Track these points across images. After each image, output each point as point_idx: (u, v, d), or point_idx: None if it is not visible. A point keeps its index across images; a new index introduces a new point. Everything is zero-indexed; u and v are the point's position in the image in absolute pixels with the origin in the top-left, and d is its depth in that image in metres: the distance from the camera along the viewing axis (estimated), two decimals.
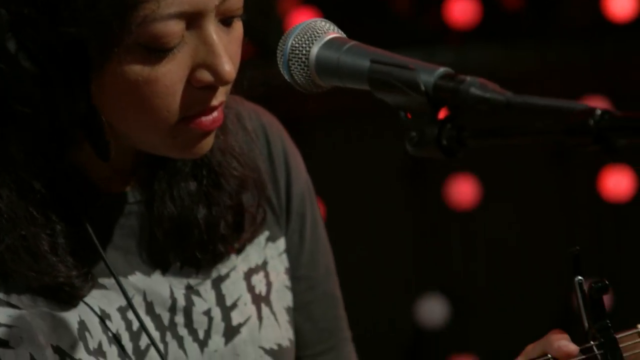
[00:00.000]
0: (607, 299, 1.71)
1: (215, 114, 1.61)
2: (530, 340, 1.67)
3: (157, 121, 1.58)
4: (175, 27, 1.53)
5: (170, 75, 1.55)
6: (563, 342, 1.63)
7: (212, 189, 1.75)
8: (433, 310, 4.51)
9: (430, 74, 1.41)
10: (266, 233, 1.83)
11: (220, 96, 1.59)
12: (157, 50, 1.53)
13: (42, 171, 1.62)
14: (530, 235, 4.67)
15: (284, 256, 1.86)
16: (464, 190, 4.50)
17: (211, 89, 1.58)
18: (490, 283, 4.44)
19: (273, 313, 1.81)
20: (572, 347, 1.61)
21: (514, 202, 4.66)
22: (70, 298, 1.64)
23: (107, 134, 1.60)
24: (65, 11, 1.51)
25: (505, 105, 1.37)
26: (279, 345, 1.79)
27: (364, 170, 4.48)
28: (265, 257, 1.83)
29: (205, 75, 1.56)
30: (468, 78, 1.38)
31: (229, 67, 1.56)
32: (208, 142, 1.64)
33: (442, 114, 1.44)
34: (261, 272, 1.82)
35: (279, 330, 1.81)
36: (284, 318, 1.82)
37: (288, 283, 1.86)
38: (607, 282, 1.62)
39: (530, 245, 4.67)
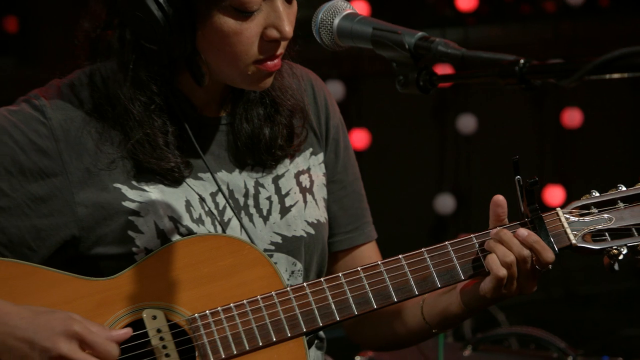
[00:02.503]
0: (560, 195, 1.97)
1: (276, 60, 1.86)
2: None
3: (238, 61, 1.83)
4: None
5: (250, 30, 1.81)
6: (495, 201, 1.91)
7: (272, 113, 1.99)
8: (446, 203, 5.22)
9: (411, 36, 1.64)
10: (310, 149, 2.06)
11: (280, 49, 1.85)
12: (243, 12, 1.79)
13: (160, 91, 1.87)
14: (513, 151, 5.06)
15: (322, 165, 2.08)
16: (468, 124, 5.24)
17: (275, 43, 1.84)
18: (485, 185, 4.78)
19: (314, 200, 2.04)
20: (500, 197, 1.90)
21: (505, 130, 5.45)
22: (178, 179, 1.89)
23: (203, 67, 1.87)
24: None
25: (460, 57, 1.58)
26: (318, 220, 2.02)
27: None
28: (309, 165, 2.06)
29: (273, 32, 1.82)
30: (437, 39, 1.61)
31: (289, 28, 1.82)
32: (270, 80, 1.90)
33: (420, 63, 1.64)
34: (306, 174, 2.04)
35: (317, 211, 2.03)
36: (321, 204, 2.05)
37: (324, 182, 2.07)
38: (537, 179, 1.84)
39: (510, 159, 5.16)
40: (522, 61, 1.48)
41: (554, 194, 5.22)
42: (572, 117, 5.25)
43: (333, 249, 2.10)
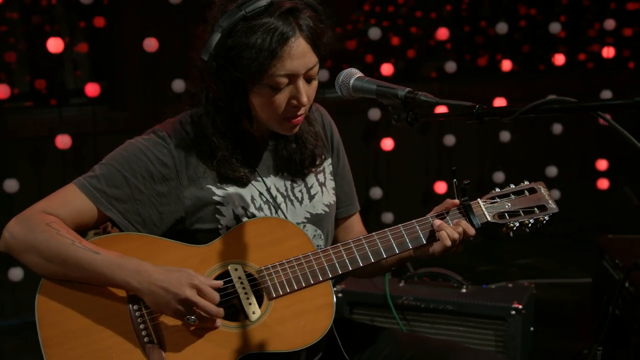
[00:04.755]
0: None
1: (298, 118, 2.17)
2: None
3: (272, 116, 2.15)
4: (284, 80, 2.08)
5: (279, 99, 2.11)
6: (450, 201, 2.23)
7: (301, 147, 2.30)
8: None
9: (402, 90, 1.95)
10: (323, 156, 2.37)
11: (301, 111, 2.16)
12: (275, 88, 2.09)
13: (230, 129, 2.20)
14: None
15: (330, 166, 2.41)
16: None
17: (297, 108, 2.14)
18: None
19: (327, 190, 2.38)
20: (455, 202, 2.22)
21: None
22: (245, 183, 2.22)
23: (253, 117, 2.17)
24: (241, 66, 2.06)
25: (435, 104, 1.89)
26: (330, 203, 2.37)
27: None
28: (323, 166, 2.38)
29: (294, 102, 2.12)
30: (419, 92, 1.92)
31: (305, 100, 2.13)
32: (296, 129, 2.21)
33: (408, 107, 1.93)
34: (321, 173, 2.37)
35: (329, 197, 2.38)
36: (331, 192, 2.39)
37: (332, 177, 2.40)
38: (468, 182, 2.18)
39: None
40: (477, 106, 1.79)
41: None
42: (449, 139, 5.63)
43: (336, 218, 2.43)
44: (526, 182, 2.34)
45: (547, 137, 5.88)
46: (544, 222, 2.27)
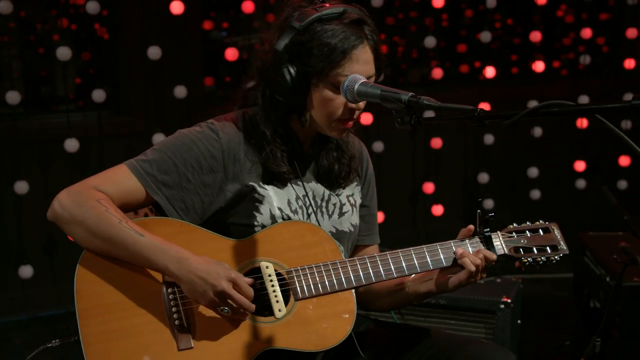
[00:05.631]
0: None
1: (351, 122, 2.20)
2: None
3: (329, 117, 2.17)
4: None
5: (339, 99, 2.14)
6: (466, 229, 2.25)
7: (340, 156, 2.31)
8: None
9: (405, 95, 1.94)
10: (355, 183, 2.40)
11: (356, 115, 2.19)
12: (338, 87, 2.11)
13: (282, 126, 2.21)
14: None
15: (360, 194, 2.41)
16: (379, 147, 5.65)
17: (352, 111, 2.17)
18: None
19: (355, 211, 2.38)
20: (470, 227, 2.23)
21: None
22: (286, 181, 2.23)
23: (306, 116, 2.19)
24: (311, 62, 2.10)
25: (437, 107, 1.88)
26: (356, 224, 2.38)
27: None
28: (353, 192, 2.39)
29: (352, 105, 2.15)
30: (422, 96, 1.91)
31: (362, 106, 2.17)
32: (344, 133, 2.24)
33: (411, 111, 1.92)
34: (352, 197, 2.38)
35: (356, 218, 2.38)
36: (357, 214, 2.39)
37: (360, 204, 2.41)
38: (492, 214, 2.21)
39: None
40: (478, 109, 1.78)
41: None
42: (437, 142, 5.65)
43: (355, 244, 2.42)
44: (541, 222, 2.35)
45: (528, 140, 5.94)
46: (554, 261, 2.28)
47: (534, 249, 2.27)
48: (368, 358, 2.28)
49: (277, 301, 2.10)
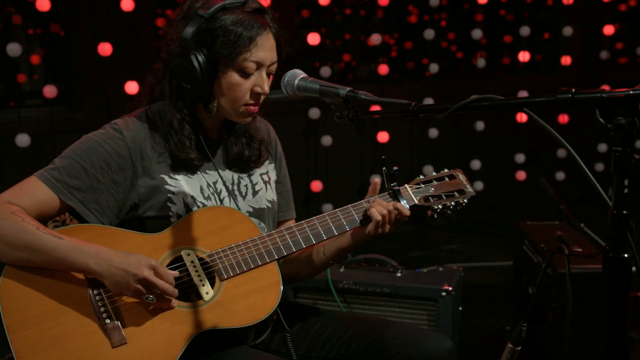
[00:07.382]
0: None
1: (256, 107, 2.20)
2: None
3: (235, 102, 2.17)
4: (253, 66, 2.14)
5: (246, 85, 2.16)
6: (372, 186, 2.27)
7: (250, 142, 2.32)
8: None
9: (344, 90, 1.95)
10: (268, 161, 2.41)
11: (260, 99, 2.20)
12: (245, 73, 2.14)
13: (189, 113, 2.19)
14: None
15: (274, 171, 2.43)
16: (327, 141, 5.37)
17: (258, 95, 2.18)
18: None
19: (270, 188, 2.38)
20: (376, 181, 2.25)
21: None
22: (196, 169, 2.21)
23: (213, 103, 2.18)
24: (218, 49, 2.10)
25: (374, 102, 1.88)
26: (272, 200, 2.38)
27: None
28: (268, 170, 2.40)
29: (258, 89, 2.17)
30: (360, 91, 1.93)
31: (267, 88, 2.19)
32: (250, 118, 2.24)
33: (349, 105, 1.93)
34: (265, 174, 2.38)
35: (272, 194, 2.39)
36: (273, 191, 2.40)
37: (275, 180, 2.42)
38: (397, 169, 2.22)
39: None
40: (413, 104, 1.79)
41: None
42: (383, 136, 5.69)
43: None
44: (446, 170, 2.38)
45: (470, 134, 5.97)
46: (464, 204, 2.31)
47: (443, 195, 2.29)
48: (293, 335, 2.27)
49: (203, 285, 2.08)
